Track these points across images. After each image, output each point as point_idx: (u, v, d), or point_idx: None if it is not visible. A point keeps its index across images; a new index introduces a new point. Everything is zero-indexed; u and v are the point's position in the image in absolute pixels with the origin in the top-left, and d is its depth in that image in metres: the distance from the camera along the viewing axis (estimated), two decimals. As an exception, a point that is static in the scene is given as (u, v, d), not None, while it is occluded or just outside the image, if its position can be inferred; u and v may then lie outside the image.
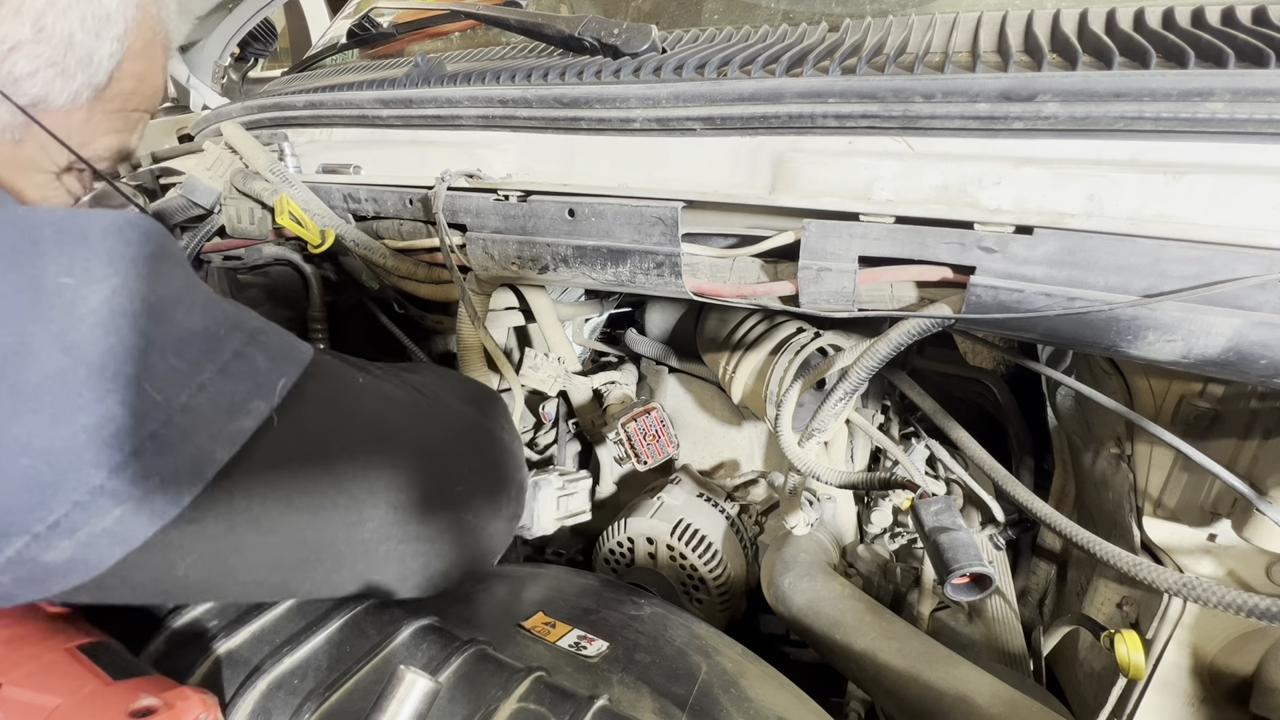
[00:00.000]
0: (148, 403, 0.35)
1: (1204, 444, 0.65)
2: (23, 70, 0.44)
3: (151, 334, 0.37)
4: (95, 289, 0.35)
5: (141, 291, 0.37)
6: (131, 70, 0.50)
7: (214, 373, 0.39)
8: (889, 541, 0.97)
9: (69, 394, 0.33)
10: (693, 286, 0.70)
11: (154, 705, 0.38)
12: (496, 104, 0.78)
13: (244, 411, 0.39)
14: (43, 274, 0.34)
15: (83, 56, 0.47)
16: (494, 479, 0.58)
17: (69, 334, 0.34)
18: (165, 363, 0.37)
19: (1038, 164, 0.56)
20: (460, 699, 0.46)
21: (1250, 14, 0.59)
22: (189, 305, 0.40)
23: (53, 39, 0.45)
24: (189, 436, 0.37)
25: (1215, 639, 0.74)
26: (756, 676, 0.58)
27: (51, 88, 0.46)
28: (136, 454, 0.35)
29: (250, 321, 0.43)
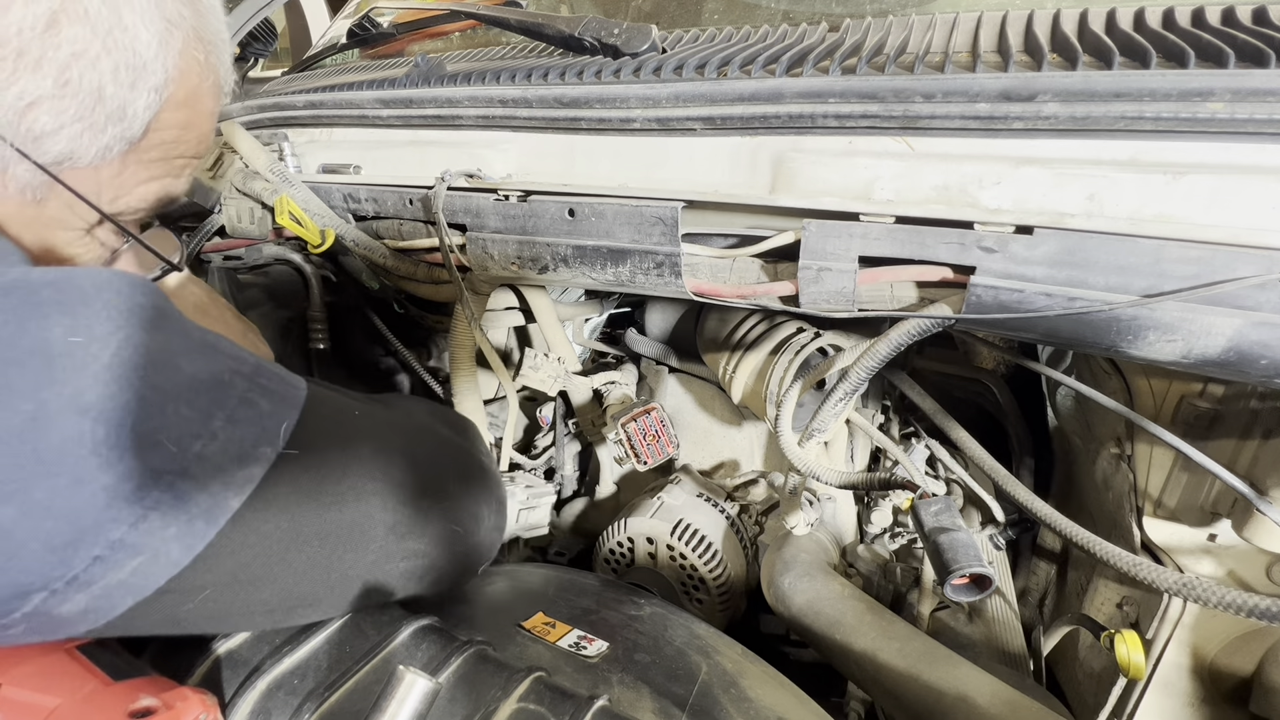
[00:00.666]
0: (164, 456, 0.36)
1: (1204, 444, 0.65)
2: (44, 127, 0.42)
3: (162, 386, 0.37)
4: (103, 346, 0.35)
5: (147, 344, 0.37)
6: (172, 120, 0.47)
7: (223, 421, 0.39)
8: (889, 541, 0.97)
9: (89, 454, 0.33)
10: (693, 286, 0.70)
11: (153, 705, 0.38)
12: (496, 104, 0.78)
13: (253, 458, 0.40)
14: (50, 335, 0.34)
15: (114, 110, 0.43)
16: (477, 496, 0.60)
17: (84, 395, 0.34)
18: (178, 414, 0.37)
19: (1038, 164, 0.56)
20: (460, 699, 0.46)
21: (1250, 14, 0.59)
22: (192, 353, 0.39)
23: (79, 93, 0.42)
24: (204, 486, 0.37)
25: (1215, 639, 0.74)
26: (756, 676, 0.58)
27: (78, 144, 0.43)
28: (155, 507, 0.35)
29: (246, 362, 0.42)
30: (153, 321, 0.38)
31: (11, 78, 0.39)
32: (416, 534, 0.51)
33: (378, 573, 0.50)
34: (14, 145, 0.41)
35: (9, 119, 0.40)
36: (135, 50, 0.43)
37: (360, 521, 0.47)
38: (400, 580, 0.52)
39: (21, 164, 0.42)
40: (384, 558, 0.50)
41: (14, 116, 0.40)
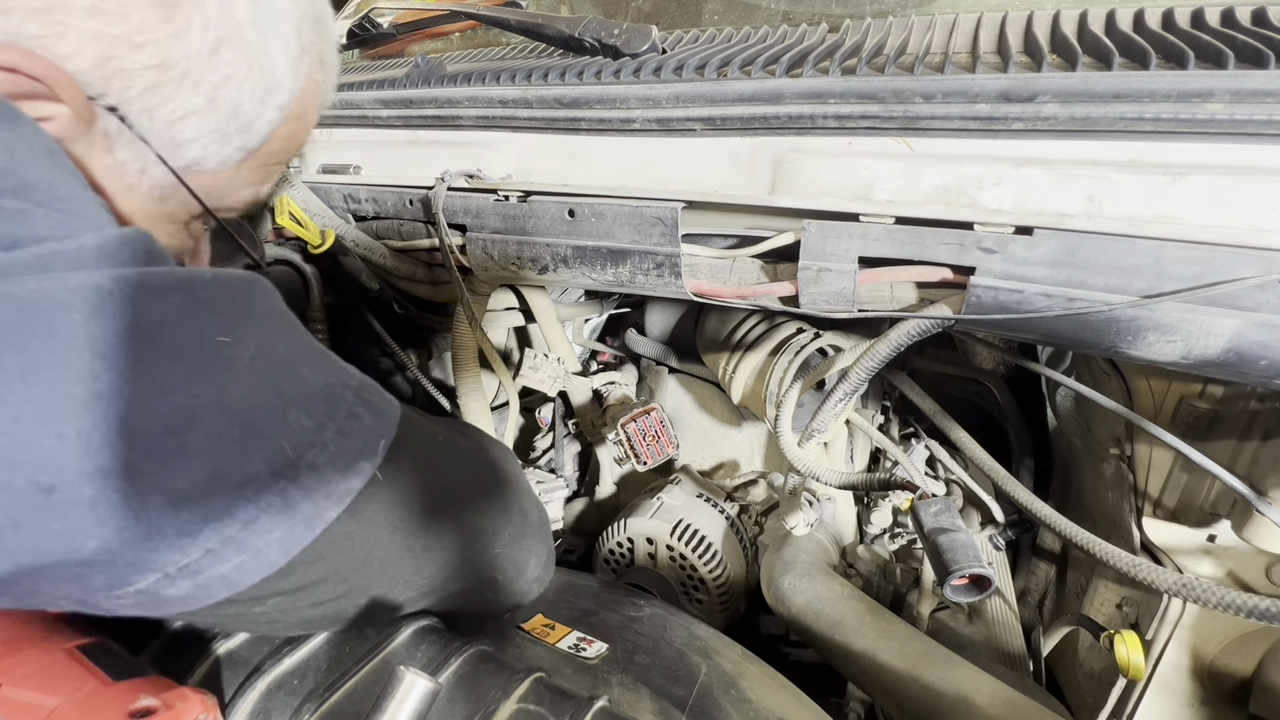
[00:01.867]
0: (284, 460, 0.37)
1: (1204, 444, 0.65)
2: (186, 137, 0.45)
3: (288, 392, 0.38)
4: (244, 348, 0.37)
5: (278, 349, 0.39)
6: (285, 132, 0.51)
7: (334, 432, 0.40)
8: (889, 542, 0.97)
9: (225, 452, 0.35)
10: (693, 287, 0.70)
11: (154, 706, 0.38)
12: (496, 104, 0.78)
13: (354, 471, 0.41)
14: (205, 333, 0.36)
15: (244, 124, 0.47)
16: (529, 547, 0.60)
17: (225, 393, 0.35)
18: (298, 421, 0.38)
19: (1037, 164, 0.56)
20: (460, 700, 0.46)
21: (1250, 15, 0.59)
22: (312, 361, 0.41)
23: (221, 109, 0.45)
24: (310, 494, 0.38)
25: (1215, 640, 0.74)
26: (756, 677, 0.58)
27: (208, 152, 0.47)
28: (267, 510, 0.37)
29: (353, 375, 0.44)
30: (282, 327, 0.41)
31: (172, 95, 0.43)
32: (462, 576, 0.52)
33: (413, 604, 0.51)
34: (157, 152, 0.44)
35: (159, 128, 0.44)
36: (273, 73, 0.47)
37: (420, 556, 0.48)
38: (459, 600, 0.54)
39: (159, 167, 0.45)
40: (426, 594, 0.51)
41: (164, 126, 0.44)
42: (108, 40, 0.40)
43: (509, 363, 1.13)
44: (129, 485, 0.33)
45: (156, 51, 0.41)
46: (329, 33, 0.53)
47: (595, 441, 1.12)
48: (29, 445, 0.31)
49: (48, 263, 0.32)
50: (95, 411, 0.32)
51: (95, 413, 0.32)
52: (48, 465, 0.31)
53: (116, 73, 0.41)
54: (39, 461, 0.31)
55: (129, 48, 0.40)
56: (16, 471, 0.31)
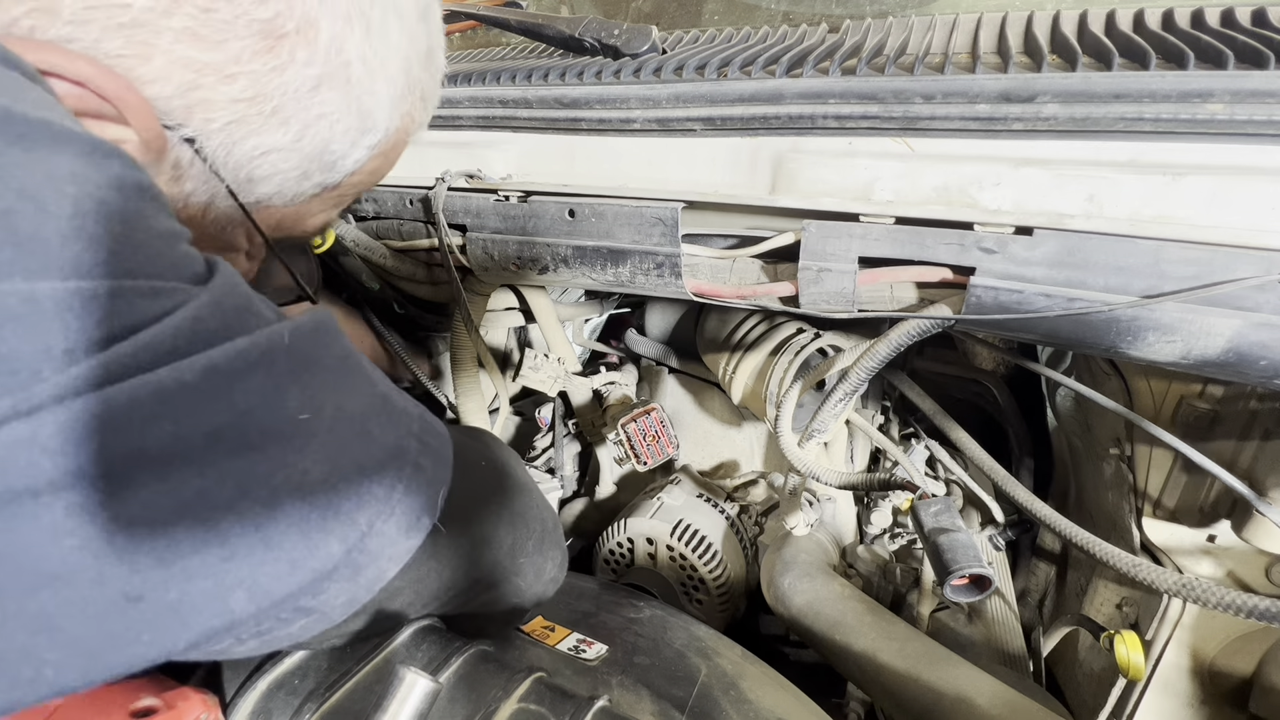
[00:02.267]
0: (352, 530, 0.36)
1: (1204, 445, 0.65)
2: (262, 174, 0.41)
3: (362, 460, 0.36)
4: (323, 419, 0.35)
5: (352, 412, 0.36)
6: (369, 168, 0.47)
7: (402, 493, 0.38)
8: (889, 542, 0.97)
9: (303, 539, 0.34)
10: (693, 287, 0.70)
11: (155, 705, 0.38)
12: (497, 104, 0.78)
13: (416, 529, 0.39)
14: (287, 414, 0.34)
15: (329, 163, 0.43)
16: (548, 553, 0.60)
17: (307, 476, 0.34)
18: (369, 490, 0.36)
19: (1037, 165, 0.56)
20: (460, 699, 0.46)
21: (1249, 15, 0.59)
22: (379, 414, 0.39)
23: (307, 148, 0.41)
24: (375, 560, 0.37)
25: (1215, 640, 0.74)
26: (756, 678, 0.58)
27: (284, 189, 0.43)
28: (336, 579, 0.36)
29: (414, 418, 0.41)
30: (350, 376, 0.38)
31: (257, 130, 0.39)
32: (488, 586, 0.52)
33: (437, 612, 0.51)
34: (230, 188, 0.41)
35: (236, 163, 0.40)
36: (372, 113, 0.43)
37: (447, 571, 0.47)
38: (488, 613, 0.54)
39: (228, 201, 0.42)
40: (449, 604, 0.50)
41: (242, 162, 0.40)
42: (197, 67, 0.36)
43: (509, 363, 1.13)
44: (214, 586, 0.32)
45: (250, 84, 0.37)
46: (438, 66, 0.48)
47: (595, 441, 1.12)
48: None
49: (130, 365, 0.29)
50: (186, 518, 0.30)
51: (181, 517, 0.30)
52: (135, 577, 0.30)
53: (200, 102, 0.37)
54: (127, 574, 0.29)
55: (220, 78, 0.37)
56: (105, 585, 0.29)
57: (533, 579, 0.57)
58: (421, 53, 0.45)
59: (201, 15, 0.35)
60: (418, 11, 0.43)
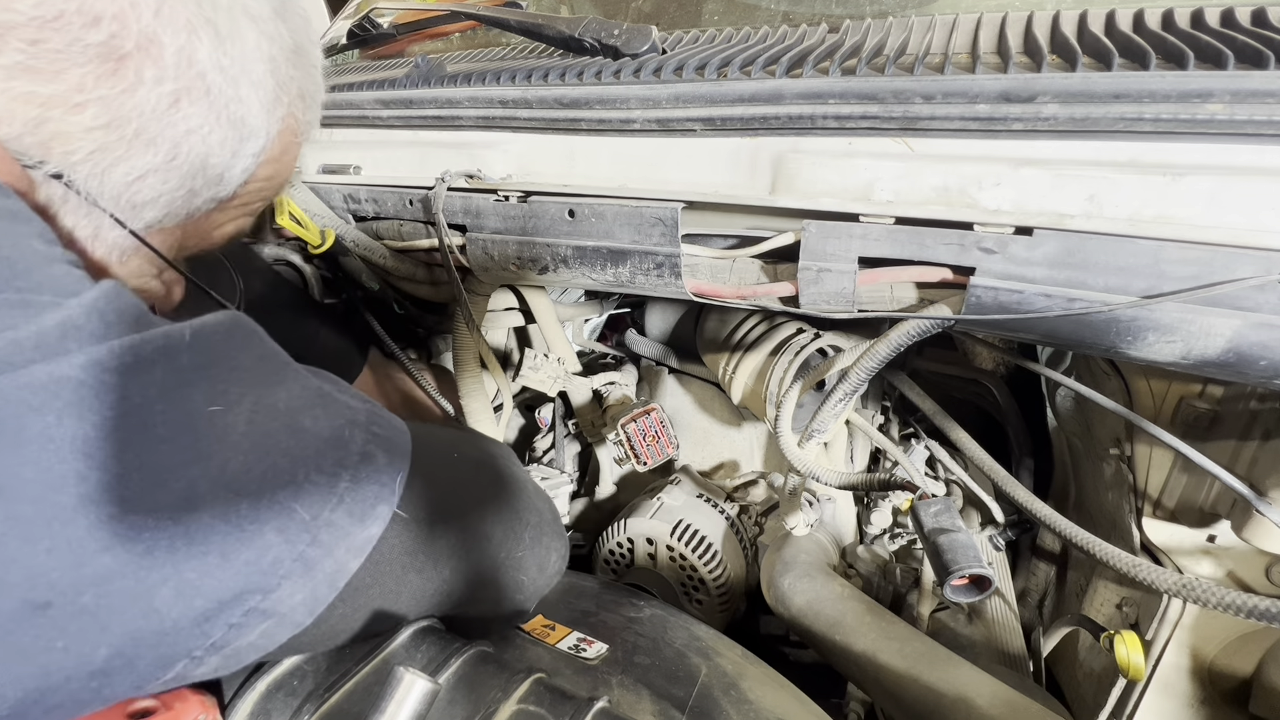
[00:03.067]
0: (299, 524, 0.35)
1: (1203, 445, 0.65)
2: (145, 198, 0.41)
3: (294, 450, 0.36)
4: (239, 412, 0.34)
5: (274, 405, 0.36)
6: (263, 174, 0.46)
7: (349, 481, 0.38)
8: (889, 542, 0.97)
9: (234, 531, 0.33)
10: (693, 287, 0.70)
11: (153, 706, 0.38)
12: (497, 104, 0.78)
13: (373, 518, 0.39)
14: (194, 406, 0.33)
15: (213, 177, 0.43)
16: (549, 545, 0.59)
17: (227, 468, 0.33)
18: (310, 480, 0.36)
19: (1037, 165, 0.56)
20: (460, 700, 0.46)
21: (1249, 15, 0.59)
22: (313, 408, 0.38)
23: (184, 165, 0.41)
24: (330, 552, 0.37)
25: (1215, 640, 0.74)
26: (756, 678, 0.58)
27: (173, 209, 0.42)
28: (288, 576, 0.35)
29: (359, 409, 0.41)
30: (275, 373, 0.37)
31: (125, 156, 0.38)
32: (486, 584, 0.51)
33: (438, 613, 0.50)
34: (112, 215, 0.40)
35: (114, 192, 0.39)
36: (245, 120, 0.42)
37: (440, 573, 0.47)
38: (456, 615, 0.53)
39: (115, 230, 0.41)
40: (450, 605, 0.50)
41: (119, 190, 0.39)
42: (40, 101, 0.35)
43: (509, 363, 1.13)
44: (133, 585, 0.31)
45: (102, 110, 0.36)
46: (311, 62, 0.47)
47: (595, 442, 1.12)
48: (15, 564, 0.28)
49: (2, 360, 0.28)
50: (86, 515, 0.29)
51: (86, 517, 0.29)
52: (39, 582, 0.29)
53: (54, 136, 0.36)
54: (28, 580, 0.28)
55: (67, 108, 0.36)
56: (4, 595, 0.28)
57: (535, 573, 0.56)
58: (287, 50, 0.44)
59: (31, 48, 0.34)
60: (271, 9, 0.42)
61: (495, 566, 0.51)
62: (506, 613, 0.56)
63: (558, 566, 0.60)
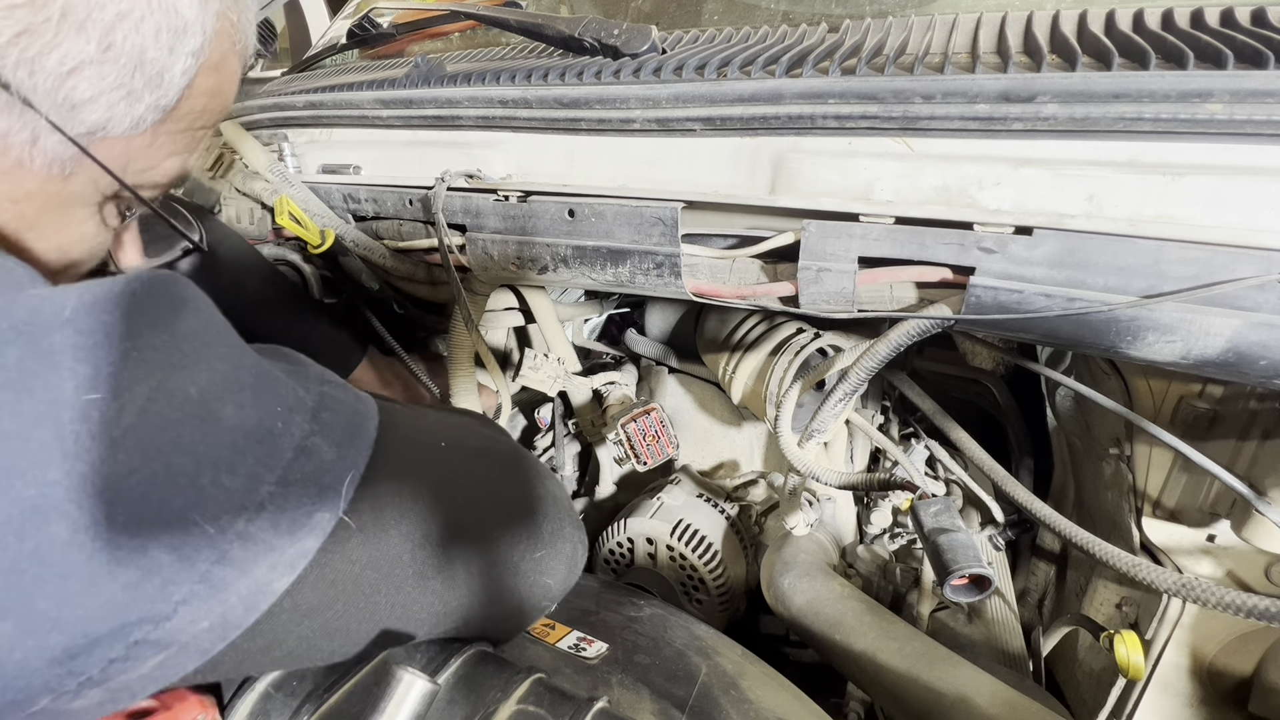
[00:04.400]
0: (199, 539, 0.30)
1: (1203, 444, 0.65)
2: (83, 95, 0.36)
3: (199, 449, 0.30)
4: (128, 401, 0.29)
5: (182, 390, 0.30)
6: (204, 86, 0.42)
7: (273, 484, 0.32)
8: (888, 542, 0.97)
9: (104, 549, 0.28)
10: (692, 287, 0.70)
11: (152, 706, 0.38)
12: (496, 104, 0.78)
13: (307, 528, 0.33)
14: (61, 395, 0.28)
15: (153, 76, 0.38)
16: (560, 504, 0.54)
17: (101, 470, 0.28)
18: (217, 484, 0.31)
19: (1037, 165, 0.56)
20: (459, 700, 0.46)
21: (1249, 15, 0.59)
22: (237, 391, 0.32)
23: (120, 58, 0.37)
24: (246, 570, 0.31)
25: (1214, 639, 0.74)
26: (756, 677, 0.58)
27: (114, 113, 0.38)
28: (186, 601, 0.30)
29: (308, 389, 0.36)
30: (195, 351, 0.32)
31: (54, 40, 0.34)
32: (505, 596, 0.46)
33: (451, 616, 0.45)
34: (47, 117, 0.36)
35: (47, 86, 0.35)
36: (178, 10, 0.38)
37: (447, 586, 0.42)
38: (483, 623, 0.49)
39: (53, 136, 0.37)
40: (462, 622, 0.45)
41: (53, 84, 0.35)
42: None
43: (509, 363, 1.13)
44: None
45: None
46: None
47: (595, 441, 1.12)
48: None
49: None
50: None
51: None
52: None
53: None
54: None
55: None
56: None
57: (565, 573, 0.52)
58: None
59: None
60: None
61: (511, 573, 0.46)
62: (530, 621, 0.52)
63: (581, 557, 0.54)
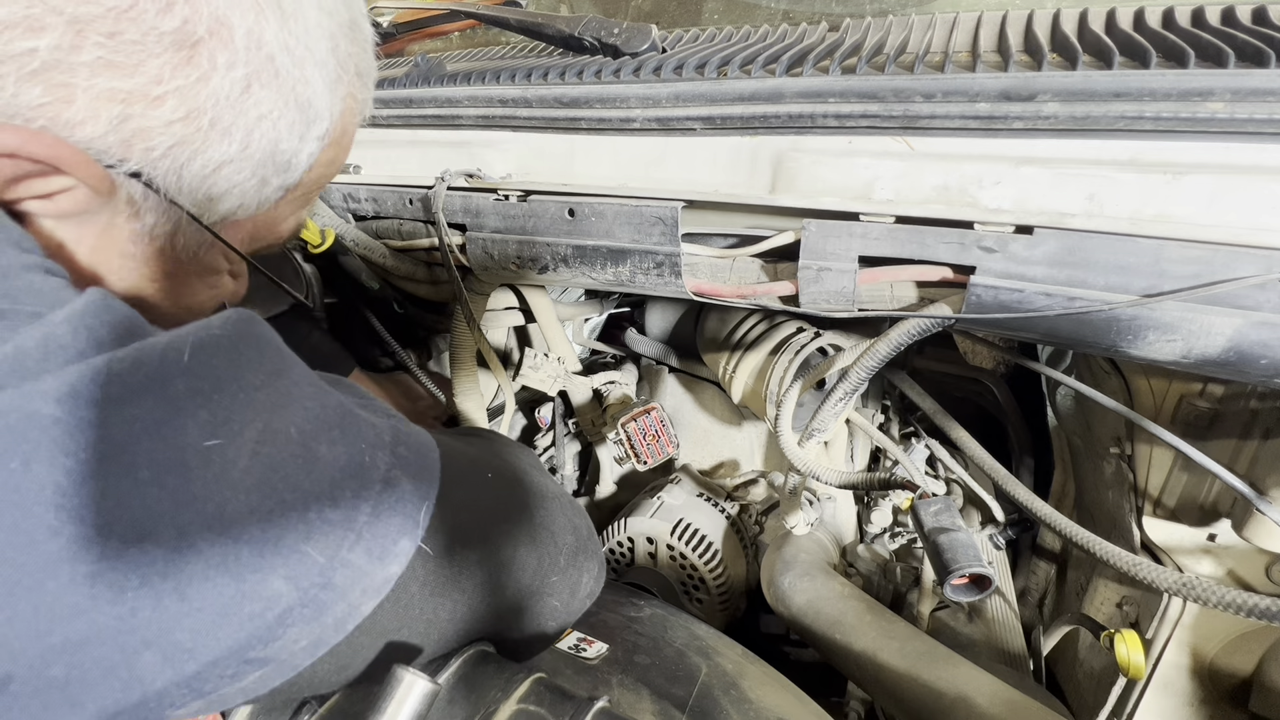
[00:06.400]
0: (310, 568, 0.32)
1: (1204, 444, 0.65)
2: (220, 190, 0.39)
3: (306, 484, 0.33)
4: (243, 443, 0.31)
5: (285, 431, 0.33)
6: (325, 159, 0.45)
7: (369, 515, 0.35)
8: (889, 541, 0.97)
9: (234, 583, 0.30)
10: (693, 286, 0.70)
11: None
12: (496, 104, 0.78)
13: (393, 555, 0.36)
14: (186, 441, 0.29)
15: (283, 163, 0.41)
16: (582, 565, 0.56)
17: (225, 510, 0.30)
18: (322, 518, 0.33)
19: (1038, 164, 0.56)
20: (459, 700, 0.46)
21: (1250, 14, 0.59)
22: (329, 429, 0.35)
23: (258, 153, 0.39)
24: (344, 596, 0.34)
25: (1215, 639, 0.74)
26: (756, 677, 0.58)
27: (245, 199, 0.41)
28: (293, 624, 0.32)
29: (384, 429, 0.38)
30: (287, 393, 0.34)
31: (202, 147, 0.37)
32: (518, 610, 0.48)
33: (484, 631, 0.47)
34: (189, 212, 0.39)
35: (191, 186, 0.38)
36: (312, 103, 0.41)
37: (468, 603, 0.44)
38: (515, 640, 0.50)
39: (193, 226, 0.40)
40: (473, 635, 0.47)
41: (196, 183, 0.38)
42: (122, 97, 0.34)
43: (509, 363, 1.13)
44: (112, 653, 0.28)
45: (180, 102, 0.35)
46: (366, 37, 0.46)
47: (595, 441, 1.12)
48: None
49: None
50: (57, 576, 0.26)
51: (57, 578, 0.26)
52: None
53: (136, 133, 0.35)
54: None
55: (148, 102, 0.35)
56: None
57: (568, 597, 0.53)
58: (344, 26, 0.42)
59: (110, 42, 0.33)
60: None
61: (524, 594, 0.48)
62: (533, 638, 0.53)
63: (590, 589, 0.56)
